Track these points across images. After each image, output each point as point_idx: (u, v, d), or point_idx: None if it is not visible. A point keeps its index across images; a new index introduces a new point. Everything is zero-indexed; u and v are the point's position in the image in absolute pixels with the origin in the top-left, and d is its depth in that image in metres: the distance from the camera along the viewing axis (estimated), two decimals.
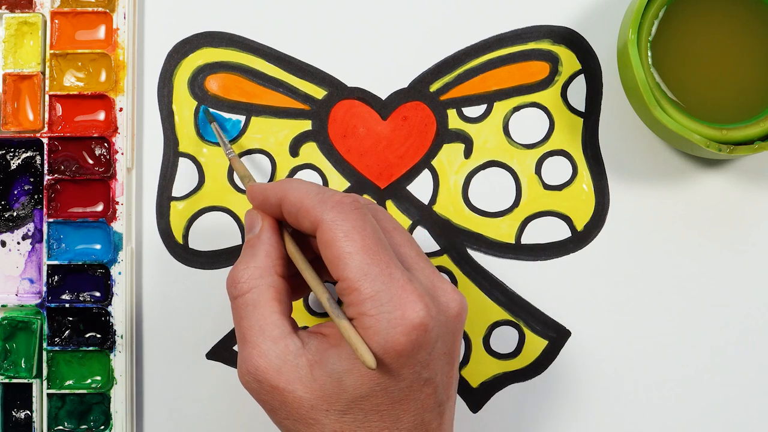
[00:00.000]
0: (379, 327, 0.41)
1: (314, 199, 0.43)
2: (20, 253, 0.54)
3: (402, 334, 0.41)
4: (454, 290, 0.44)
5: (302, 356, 0.42)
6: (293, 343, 0.43)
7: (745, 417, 0.54)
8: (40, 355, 0.53)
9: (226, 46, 0.55)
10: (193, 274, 0.54)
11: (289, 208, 0.44)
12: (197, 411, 0.54)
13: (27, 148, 0.54)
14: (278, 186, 0.45)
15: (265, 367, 0.42)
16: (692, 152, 0.52)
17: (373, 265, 0.41)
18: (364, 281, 0.41)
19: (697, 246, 0.54)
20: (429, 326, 0.41)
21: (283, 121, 0.55)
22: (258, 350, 0.43)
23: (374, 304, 0.41)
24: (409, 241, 0.45)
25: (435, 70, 0.55)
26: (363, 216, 0.43)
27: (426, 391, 0.43)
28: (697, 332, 0.54)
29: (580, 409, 0.54)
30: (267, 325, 0.43)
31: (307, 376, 0.42)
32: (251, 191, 0.47)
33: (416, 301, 0.41)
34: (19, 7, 0.54)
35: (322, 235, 0.42)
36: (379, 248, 0.42)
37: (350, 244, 0.42)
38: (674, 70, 0.50)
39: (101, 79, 0.54)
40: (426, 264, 0.44)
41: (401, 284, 0.41)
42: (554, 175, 0.54)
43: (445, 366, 0.43)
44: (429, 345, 0.42)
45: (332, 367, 0.42)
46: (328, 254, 0.42)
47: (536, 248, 0.54)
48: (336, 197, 0.43)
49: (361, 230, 0.42)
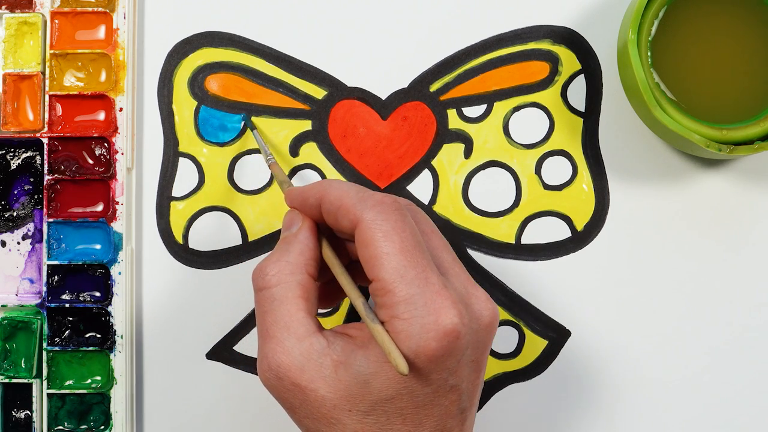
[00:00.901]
0: (412, 331, 0.40)
1: (354, 198, 0.43)
2: (20, 253, 0.54)
3: (434, 339, 0.40)
4: (487, 299, 0.43)
5: (327, 356, 0.42)
6: (318, 342, 0.42)
7: (745, 417, 0.54)
8: (40, 355, 0.53)
9: (226, 46, 0.55)
10: (193, 274, 0.54)
11: (329, 207, 0.44)
12: (197, 411, 0.54)
13: (27, 148, 0.54)
14: (317, 186, 0.45)
15: (288, 364, 0.42)
16: (692, 152, 0.52)
17: (410, 267, 0.41)
18: (400, 283, 0.41)
19: (697, 246, 0.54)
20: (461, 333, 0.41)
21: (283, 121, 0.55)
22: (282, 347, 0.42)
23: (408, 308, 0.41)
24: (445, 246, 0.45)
25: (435, 70, 0.55)
26: (403, 217, 0.42)
27: (451, 397, 0.42)
28: (697, 332, 0.54)
29: (580, 409, 0.54)
30: (292, 322, 0.42)
31: (331, 376, 0.42)
32: (290, 193, 0.46)
33: (450, 308, 0.41)
34: (19, 7, 0.54)
35: (361, 233, 0.42)
36: (417, 251, 0.42)
37: (388, 244, 0.41)
38: (674, 70, 0.50)
39: (101, 79, 0.54)
40: (461, 270, 0.44)
41: (436, 289, 0.41)
42: (554, 175, 0.54)
43: (471, 374, 0.43)
44: (459, 352, 0.41)
45: (358, 368, 0.41)
46: (366, 253, 0.42)
47: (536, 248, 0.54)
48: (376, 197, 0.43)
49: (400, 231, 0.42)
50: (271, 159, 0.51)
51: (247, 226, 0.54)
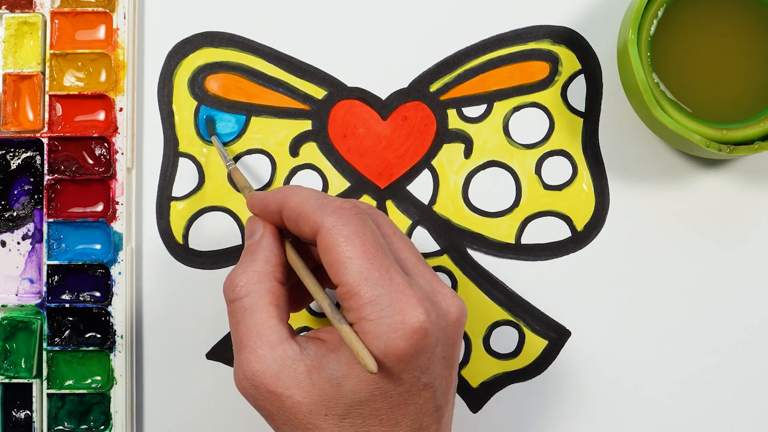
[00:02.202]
0: (379, 331, 0.41)
1: (314, 204, 0.43)
2: (20, 253, 0.54)
3: (402, 338, 0.41)
4: (453, 295, 0.44)
5: (300, 361, 0.42)
6: (291, 348, 0.43)
7: (745, 417, 0.54)
8: (40, 355, 0.53)
9: (226, 46, 0.55)
10: (193, 274, 0.54)
11: (289, 214, 0.44)
12: (197, 411, 0.54)
13: (27, 148, 0.54)
14: (278, 192, 0.45)
15: (263, 372, 0.42)
16: (692, 152, 0.52)
17: (374, 269, 0.41)
18: (365, 285, 0.41)
19: (697, 246, 0.54)
20: (429, 331, 0.41)
21: (283, 121, 0.55)
22: (255, 355, 0.43)
23: (374, 309, 0.41)
24: (408, 246, 0.45)
25: (435, 70, 0.55)
26: (363, 221, 0.43)
27: (425, 395, 0.43)
28: (697, 332, 0.54)
29: (580, 409, 0.54)
30: (264, 330, 0.43)
31: (306, 381, 0.42)
32: (251, 200, 0.47)
33: (416, 306, 0.41)
34: (19, 7, 0.54)
35: (323, 239, 0.42)
36: (379, 253, 0.42)
37: (350, 248, 0.42)
38: (674, 70, 0.50)
39: (101, 79, 0.54)
40: (426, 269, 0.44)
41: (401, 288, 0.41)
42: (554, 175, 0.54)
43: (444, 370, 0.43)
44: (429, 349, 0.42)
45: (331, 372, 0.42)
46: (329, 259, 0.42)
47: (536, 248, 0.54)
48: (336, 202, 0.43)
49: (361, 235, 0.42)
50: (231, 165, 0.51)
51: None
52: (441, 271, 0.54)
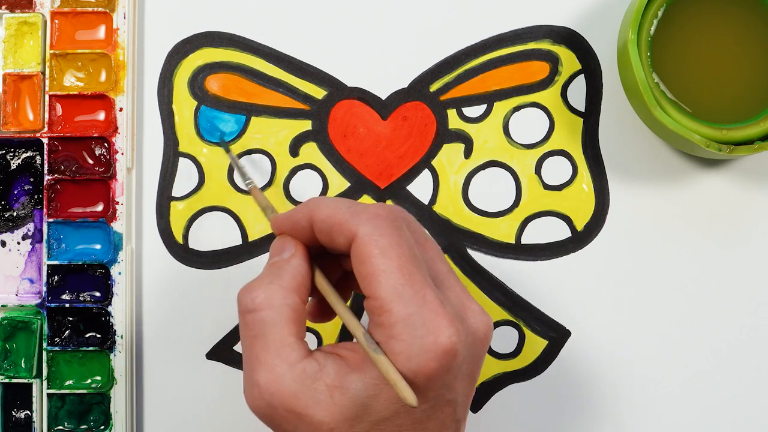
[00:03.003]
0: (411, 353, 0.40)
1: (347, 213, 0.42)
2: (20, 253, 0.54)
3: (433, 359, 0.40)
4: (482, 311, 0.43)
5: (320, 380, 0.41)
6: (310, 366, 0.41)
7: (745, 417, 0.54)
8: (40, 355, 0.53)
9: (226, 46, 0.55)
10: (193, 274, 0.54)
11: (321, 226, 0.42)
12: (197, 411, 0.54)
13: (27, 148, 0.54)
14: (305, 207, 0.44)
15: (282, 391, 0.41)
16: (692, 152, 0.52)
17: (408, 285, 0.40)
18: (398, 303, 0.40)
19: (697, 246, 0.54)
20: (458, 351, 0.40)
21: (283, 121, 0.55)
22: (274, 373, 0.41)
23: (406, 329, 0.40)
24: (440, 256, 0.44)
25: (435, 70, 0.55)
26: (399, 230, 0.41)
27: (447, 410, 0.42)
28: (697, 332, 0.54)
29: (580, 409, 0.54)
30: (284, 347, 0.41)
31: (327, 401, 0.41)
32: (277, 220, 0.45)
33: (448, 326, 0.40)
34: (19, 7, 0.54)
35: (357, 249, 0.41)
36: (414, 267, 0.41)
37: (386, 261, 0.40)
38: (674, 70, 0.50)
39: (101, 79, 0.54)
40: (455, 281, 0.43)
41: (434, 307, 0.40)
42: (554, 175, 0.54)
43: (467, 387, 0.43)
44: (456, 368, 0.41)
45: (356, 392, 0.41)
46: (362, 270, 0.41)
47: (536, 248, 0.54)
48: (371, 209, 0.42)
49: (397, 247, 0.41)
50: (251, 183, 0.51)
51: (247, 226, 0.54)
52: None
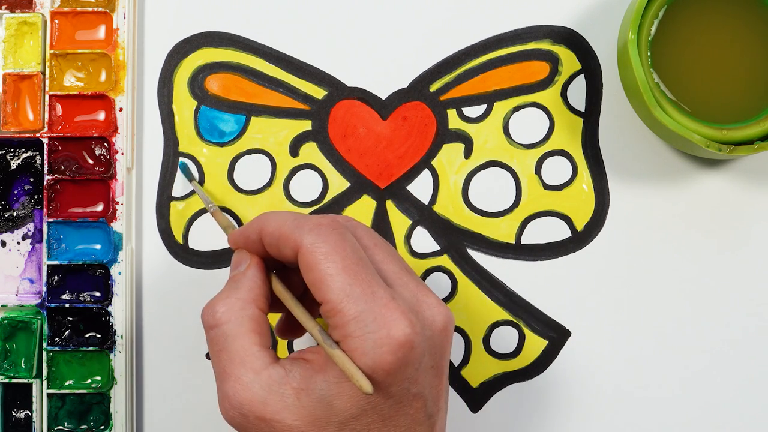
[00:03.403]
0: (366, 348, 0.41)
1: (291, 225, 0.43)
2: (20, 253, 0.54)
3: (388, 353, 0.41)
4: (439, 303, 0.43)
5: (287, 384, 0.42)
6: (276, 372, 0.42)
7: (745, 417, 0.54)
8: (40, 355, 0.53)
9: (226, 46, 0.55)
10: (193, 274, 0.54)
11: (269, 239, 0.44)
12: (197, 411, 0.54)
13: (27, 148, 0.54)
14: (255, 222, 0.45)
15: (250, 399, 0.42)
16: (692, 152, 0.52)
17: (355, 285, 0.41)
18: (347, 302, 0.41)
19: (697, 246, 0.54)
20: (415, 342, 0.41)
21: (283, 121, 0.55)
22: (241, 383, 0.42)
23: (358, 325, 0.41)
24: (391, 257, 0.45)
25: (435, 70, 0.55)
26: (342, 236, 0.42)
27: (415, 405, 0.43)
28: (697, 332, 0.54)
29: (581, 409, 0.54)
30: (248, 357, 0.42)
31: (295, 404, 0.42)
32: (232, 236, 0.46)
33: (400, 319, 0.41)
34: (19, 7, 0.54)
35: (303, 258, 0.42)
36: (359, 267, 0.42)
37: (331, 265, 0.41)
38: (674, 70, 0.50)
39: (101, 79, 0.54)
40: (410, 278, 0.44)
41: (384, 302, 0.41)
42: (554, 175, 0.54)
43: (433, 379, 0.43)
44: (416, 361, 0.42)
45: (320, 392, 0.42)
46: (310, 277, 0.42)
47: (536, 248, 0.54)
48: (313, 220, 0.43)
49: (341, 251, 0.42)
50: (213, 207, 0.51)
51: None
52: (441, 271, 0.54)
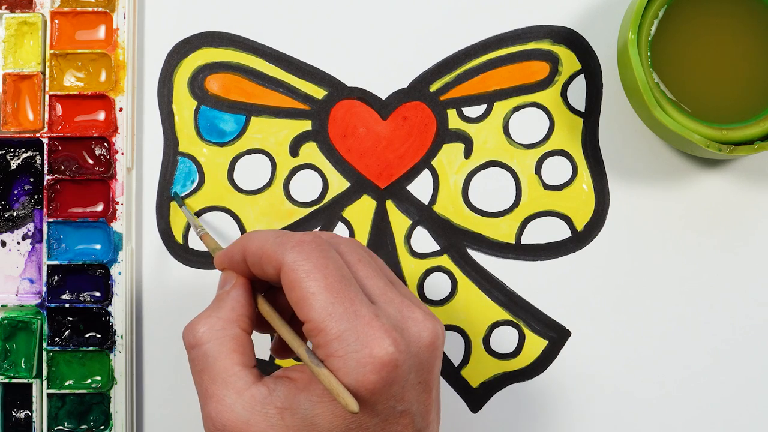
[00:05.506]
0: (349, 367, 0.40)
1: (274, 243, 0.42)
2: (20, 253, 0.54)
3: (372, 372, 0.40)
4: (425, 318, 0.42)
5: (270, 404, 0.41)
6: (259, 391, 0.42)
7: (745, 417, 0.54)
8: (40, 355, 0.53)
9: (226, 46, 0.55)
10: (193, 274, 0.54)
11: (252, 259, 0.43)
12: (197, 411, 0.54)
13: (27, 148, 0.54)
14: (238, 242, 0.44)
15: (234, 420, 0.41)
16: (692, 152, 0.52)
17: (338, 303, 0.41)
18: (330, 321, 0.40)
19: (697, 246, 0.54)
20: (399, 361, 0.40)
21: (283, 121, 0.55)
22: (223, 404, 0.42)
23: (341, 345, 0.40)
24: (375, 272, 0.44)
25: (435, 70, 0.55)
26: (324, 254, 0.42)
27: (403, 422, 0.42)
28: (697, 332, 0.54)
29: (580, 408, 0.54)
30: (230, 377, 0.42)
31: (279, 423, 0.41)
32: (217, 257, 0.46)
33: (383, 337, 0.40)
34: (19, 7, 0.54)
35: (285, 277, 0.41)
36: (342, 286, 0.41)
37: (313, 284, 0.41)
38: (674, 70, 0.50)
39: (101, 79, 0.54)
40: (395, 294, 0.43)
41: (367, 321, 0.41)
42: (554, 175, 0.54)
43: (420, 395, 0.42)
44: (401, 379, 0.41)
45: (304, 411, 0.41)
46: (293, 296, 0.41)
47: (536, 248, 0.54)
48: (295, 237, 0.42)
49: (323, 269, 0.41)
50: (202, 231, 0.51)
51: (247, 226, 0.54)
52: (441, 271, 0.54)
